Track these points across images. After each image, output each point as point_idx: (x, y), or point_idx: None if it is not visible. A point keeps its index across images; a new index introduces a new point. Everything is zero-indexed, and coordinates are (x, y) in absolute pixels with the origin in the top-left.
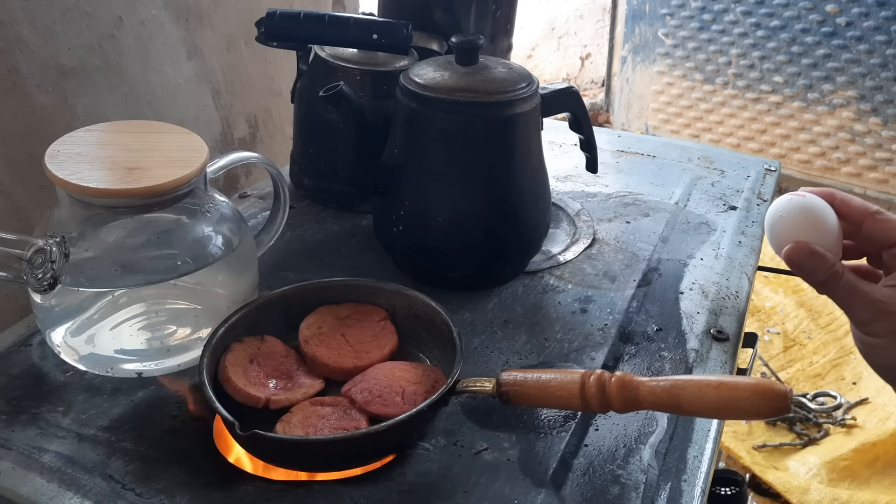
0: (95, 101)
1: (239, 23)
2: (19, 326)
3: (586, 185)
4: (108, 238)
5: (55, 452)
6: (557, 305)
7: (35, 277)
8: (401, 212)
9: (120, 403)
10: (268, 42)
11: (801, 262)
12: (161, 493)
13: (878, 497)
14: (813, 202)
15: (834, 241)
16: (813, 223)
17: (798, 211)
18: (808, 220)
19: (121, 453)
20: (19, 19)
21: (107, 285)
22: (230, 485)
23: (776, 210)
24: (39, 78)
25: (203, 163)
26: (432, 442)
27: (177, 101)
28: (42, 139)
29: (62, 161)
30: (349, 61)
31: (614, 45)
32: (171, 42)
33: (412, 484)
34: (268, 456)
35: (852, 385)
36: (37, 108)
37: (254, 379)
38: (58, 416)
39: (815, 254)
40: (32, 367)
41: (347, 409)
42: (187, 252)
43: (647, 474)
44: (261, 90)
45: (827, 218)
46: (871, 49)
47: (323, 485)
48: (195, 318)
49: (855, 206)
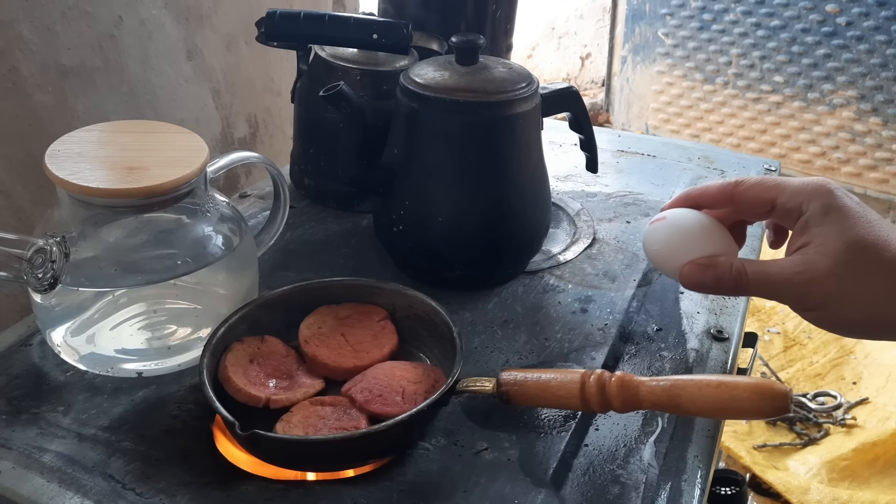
0: (96, 101)
1: (239, 22)
2: (20, 326)
3: (586, 185)
4: (108, 238)
5: (55, 452)
6: (557, 305)
7: (35, 277)
8: (401, 212)
9: (120, 403)
10: (268, 42)
11: (701, 281)
12: (161, 492)
13: (879, 497)
14: (675, 217)
15: (717, 240)
16: (686, 237)
17: (666, 234)
18: (681, 237)
19: (121, 453)
20: (19, 19)
21: (107, 285)
22: (230, 484)
23: (648, 244)
24: (39, 78)
25: (203, 163)
26: (432, 442)
27: (177, 100)
28: (42, 139)
29: (62, 161)
30: (349, 61)
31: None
32: (171, 42)
33: (412, 484)
34: (268, 456)
35: (852, 385)
36: (37, 108)
37: (254, 379)
38: (58, 415)
39: (709, 266)
40: (33, 367)
41: (347, 408)
42: (187, 252)
43: (648, 474)
44: (261, 90)
45: (696, 223)
46: (872, 49)
47: (323, 484)
48: (195, 318)
49: (714, 191)
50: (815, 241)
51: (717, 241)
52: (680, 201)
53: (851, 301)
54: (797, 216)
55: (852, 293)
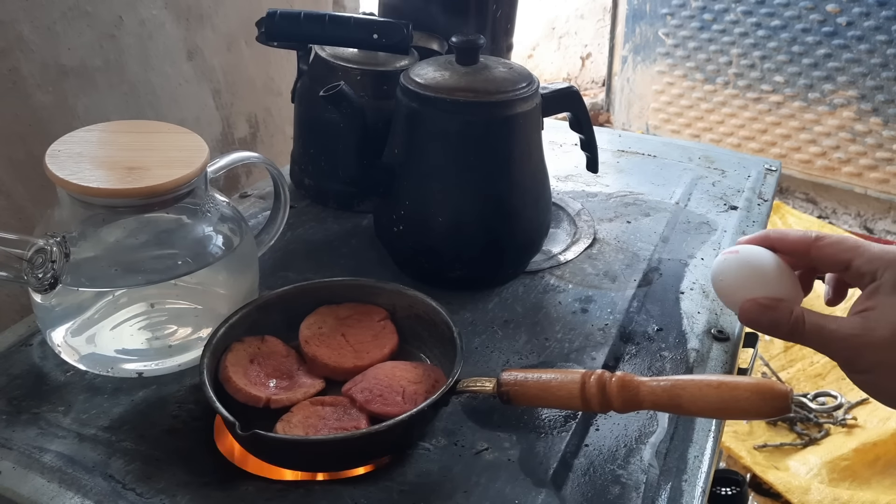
0: (96, 101)
1: (239, 22)
2: (20, 326)
3: (587, 185)
4: (108, 238)
5: (56, 452)
6: (558, 305)
7: (35, 277)
8: (401, 212)
9: (120, 403)
10: (268, 42)
11: (758, 320)
12: (162, 492)
13: (879, 497)
14: (748, 254)
15: (784, 284)
16: (755, 275)
17: (736, 268)
18: (750, 274)
19: (121, 453)
20: (20, 19)
21: (107, 285)
22: (231, 484)
23: (716, 275)
24: (40, 78)
25: (203, 163)
26: (433, 442)
27: (177, 100)
28: (42, 139)
29: (63, 161)
30: (349, 61)
31: (615, 44)
32: (171, 42)
33: (412, 484)
34: (268, 456)
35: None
36: (37, 108)
37: (254, 379)
38: (58, 415)
39: (769, 307)
40: (33, 367)
41: (348, 408)
42: (188, 252)
43: (648, 474)
44: (261, 90)
45: (767, 264)
46: (872, 49)
47: (323, 484)
48: (196, 318)
49: (793, 239)
50: (880, 308)
51: (784, 285)
52: (757, 240)
53: None
54: (869, 281)
55: None
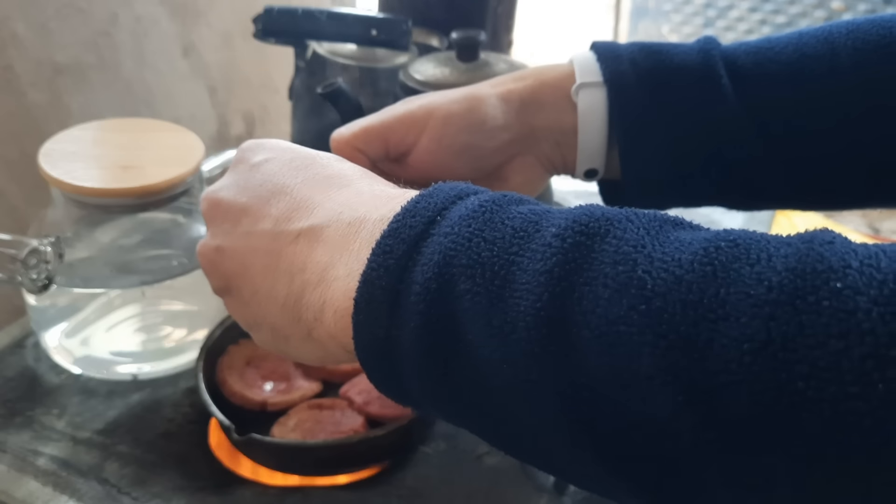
0: (90, 99)
1: (235, 19)
2: (14, 328)
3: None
4: (102, 238)
5: (50, 455)
6: None
7: (29, 278)
8: None
9: (115, 406)
10: (265, 38)
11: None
12: (157, 496)
13: None
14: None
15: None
16: None
17: None
18: None
19: (116, 457)
20: (14, 16)
21: (101, 286)
22: (226, 489)
23: None
24: (34, 76)
25: (199, 161)
26: (432, 446)
27: (172, 98)
28: (36, 138)
29: (56, 160)
30: (348, 57)
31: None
32: (166, 39)
33: (412, 489)
34: (265, 460)
35: None
36: (31, 107)
37: (250, 381)
38: (52, 418)
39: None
40: (27, 370)
41: (346, 410)
42: (183, 252)
43: None
44: (258, 87)
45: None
46: None
47: (321, 489)
48: (191, 320)
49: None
50: None
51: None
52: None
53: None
54: None
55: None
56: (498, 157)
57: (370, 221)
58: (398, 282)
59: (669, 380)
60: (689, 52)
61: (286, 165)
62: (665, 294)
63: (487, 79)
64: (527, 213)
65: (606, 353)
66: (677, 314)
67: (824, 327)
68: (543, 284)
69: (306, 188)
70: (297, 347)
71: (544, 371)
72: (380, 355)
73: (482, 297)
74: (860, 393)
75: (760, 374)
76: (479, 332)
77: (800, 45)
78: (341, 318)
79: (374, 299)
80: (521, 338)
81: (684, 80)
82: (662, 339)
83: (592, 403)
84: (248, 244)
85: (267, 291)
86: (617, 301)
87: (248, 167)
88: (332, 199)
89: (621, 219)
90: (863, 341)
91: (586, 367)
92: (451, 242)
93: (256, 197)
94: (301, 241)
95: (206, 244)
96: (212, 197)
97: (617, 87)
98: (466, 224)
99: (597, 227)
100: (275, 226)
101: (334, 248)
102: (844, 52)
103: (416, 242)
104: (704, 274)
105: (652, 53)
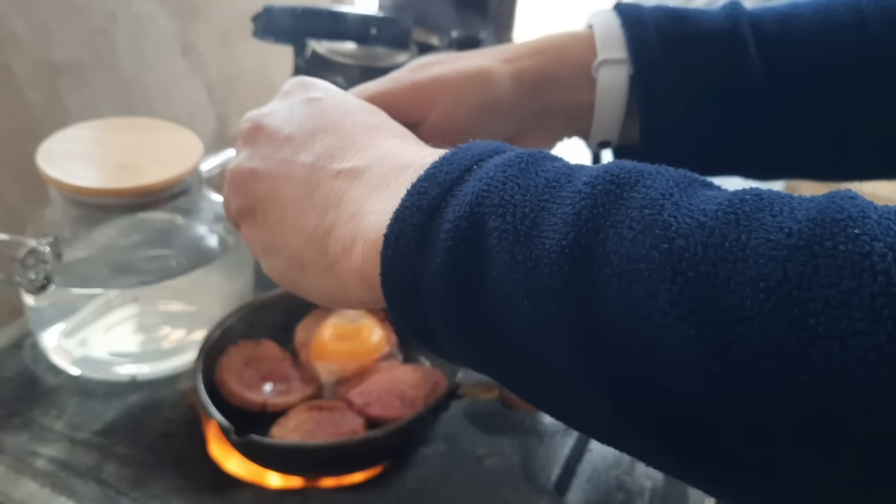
0: (89, 98)
1: (235, 17)
2: (12, 328)
3: None
4: (101, 238)
5: (48, 456)
6: None
7: (27, 278)
8: None
9: (113, 407)
10: (264, 37)
11: None
12: (155, 498)
13: None
14: None
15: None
16: None
17: None
18: None
19: (114, 458)
20: (12, 15)
21: (100, 286)
22: (225, 491)
23: None
24: (32, 75)
25: (197, 160)
26: (432, 447)
27: (171, 97)
28: (34, 137)
29: (55, 159)
30: (347, 56)
31: None
32: (165, 37)
33: (412, 490)
34: (264, 461)
35: None
36: (29, 106)
37: (249, 382)
38: (50, 419)
39: None
40: (25, 370)
41: (345, 412)
42: (182, 252)
43: (653, 480)
44: (257, 86)
45: None
46: None
47: (320, 491)
48: (189, 320)
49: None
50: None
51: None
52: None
53: None
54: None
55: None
56: (508, 132)
57: (411, 168)
58: (429, 220)
59: (684, 315)
60: (715, 19)
61: (337, 107)
62: (688, 236)
63: None
64: (561, 167)
65: (625, 290)
66: (698, 254)
67: (839, 269)
68: (570, 224)
69: (354, 131)
70: (311, 281)
71: (563, 306)
72: (405, 291)
73: (510, 234)
74: (868, 329)
75: (773, 311)
76: (504, 267)
77: (827, 12)
78: (370, 250)
79: (404, 235)
80: (544, 273)
81: (712, 48)
82: (681, 275)
83: (607, 341)
84: (286, 171)
85: (295, 220)
86: (640, 241)
87: (298, 100)
88: (378, 146)
89: (652, 171)
90: (875, 280)
91: (604, 304)
92: (485, 185)
93: (302, 129)
94: (341, 178)
95: (242, 165)
96: (257, 120)
97: (642, 62)
98: (502, 170)
99: (627, 177)
100: (316, 160)
101: (373, 188)
102: (873, 21)
103: (451, 186)
104: (728, 221)
105: (678, 20)
